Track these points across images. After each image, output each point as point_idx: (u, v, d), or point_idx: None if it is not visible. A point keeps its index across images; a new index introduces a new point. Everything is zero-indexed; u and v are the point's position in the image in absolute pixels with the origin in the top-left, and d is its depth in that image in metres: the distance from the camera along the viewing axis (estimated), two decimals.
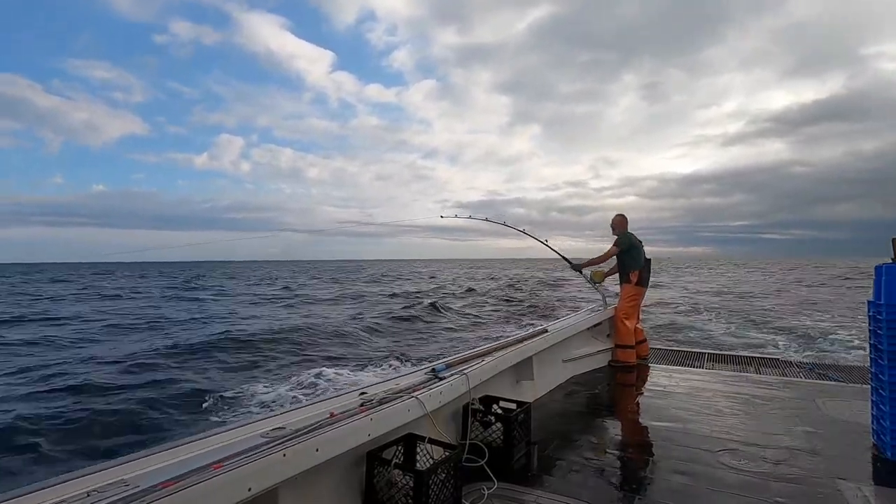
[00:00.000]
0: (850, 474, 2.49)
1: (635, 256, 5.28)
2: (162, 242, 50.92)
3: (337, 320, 16.09)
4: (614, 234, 5.41)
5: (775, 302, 21.19)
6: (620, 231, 5.37)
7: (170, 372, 9.27)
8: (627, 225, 5.42)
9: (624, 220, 5.43)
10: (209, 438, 1.66)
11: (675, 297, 23.88)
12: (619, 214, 5.47)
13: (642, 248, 5.36)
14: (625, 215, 5.46)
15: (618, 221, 5.44)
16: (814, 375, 4.63)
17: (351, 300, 24.81)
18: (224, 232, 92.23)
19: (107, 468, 1.40)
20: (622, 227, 5.40)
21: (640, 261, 5.28)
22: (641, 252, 5.33)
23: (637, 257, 5.28)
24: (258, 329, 13.88)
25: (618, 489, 2.39)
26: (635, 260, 5.27)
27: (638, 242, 5.34)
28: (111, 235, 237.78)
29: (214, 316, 18.29)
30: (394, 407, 2.08)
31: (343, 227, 51.85)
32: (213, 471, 1.35)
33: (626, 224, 5.42)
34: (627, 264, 5.29)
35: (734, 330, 13.68)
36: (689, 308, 19.02)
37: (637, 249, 5.30)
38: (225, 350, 11.21)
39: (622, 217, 5.46)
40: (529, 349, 3.65)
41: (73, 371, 9.30)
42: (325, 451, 1.68)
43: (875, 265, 2.77)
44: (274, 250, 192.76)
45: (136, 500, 1.18)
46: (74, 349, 11.96)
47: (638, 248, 5.31)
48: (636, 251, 5.29)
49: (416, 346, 12.48)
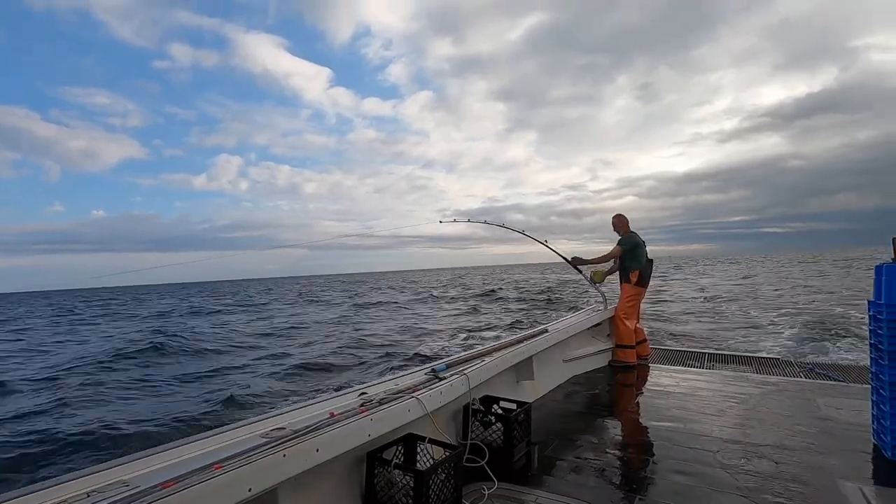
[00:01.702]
0: (851, 474, 2.48)
1: (637, 256, 5.25)
2: (160, 264, 49.69)
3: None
4: (617, 233, 5.39)
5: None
6: (623, 231, 5.35)
7: None
8: (629, 224, 5.39)
9: (624, 220, 5.40)
10: (209, 438, 1.66)
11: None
12: (618, 215, 5.44)
13: (645, 248, 5.34)
14: (624, 215, 5.43)
15: (617, 222, 5.41)
16: (814, 375, 4.63)
17: (462, 301, 28.36)
18: (211, 251, 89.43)
19: (107, 468, 1.40)
20: (624, 227, 5.37)
21: (641, 260, 5.25)
22: (644, 252, 5.30)
23: (639, 257, 5.25)
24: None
25: (618, 489, 2.39)
26: (637, 259, 5.24)
27: (641, 242, 5.31)
28: (110, 260, 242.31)
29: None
30: (394, 407, 2.08)
31: (337, 239, 52.30)
32: (213, 471, 1.36)
33: (627, 223, 5.39)
34: (628, 264, 5.27)
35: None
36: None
37: (640, 249, 5.27)
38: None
39: (621, 217, 5.42)
40: (529, 349, 3.66)
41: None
42: (325, 452, 1.68)
43: (875, 265, 2.77)
44: (273, 266, 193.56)
45: (136, 500, 1.18)
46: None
47: (641, 247, 5.28)
48: (639, 251, 5.26)
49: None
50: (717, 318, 15.20)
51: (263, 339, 16.26)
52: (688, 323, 14.48)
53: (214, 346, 14.71)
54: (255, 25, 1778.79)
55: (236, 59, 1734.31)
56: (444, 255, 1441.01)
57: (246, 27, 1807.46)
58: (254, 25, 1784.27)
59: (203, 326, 21.14)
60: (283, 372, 10.48)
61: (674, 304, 20.08)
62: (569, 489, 2.38)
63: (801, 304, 17.66)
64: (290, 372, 10.48)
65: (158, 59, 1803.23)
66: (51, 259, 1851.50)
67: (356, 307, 28.13)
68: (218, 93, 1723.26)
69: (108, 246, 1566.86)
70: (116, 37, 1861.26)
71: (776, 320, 13.90)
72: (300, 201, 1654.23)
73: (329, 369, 10.79)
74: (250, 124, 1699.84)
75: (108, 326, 23.94)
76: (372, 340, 14.34)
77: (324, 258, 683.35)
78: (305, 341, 15.26)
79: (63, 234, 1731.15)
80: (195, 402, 8.26)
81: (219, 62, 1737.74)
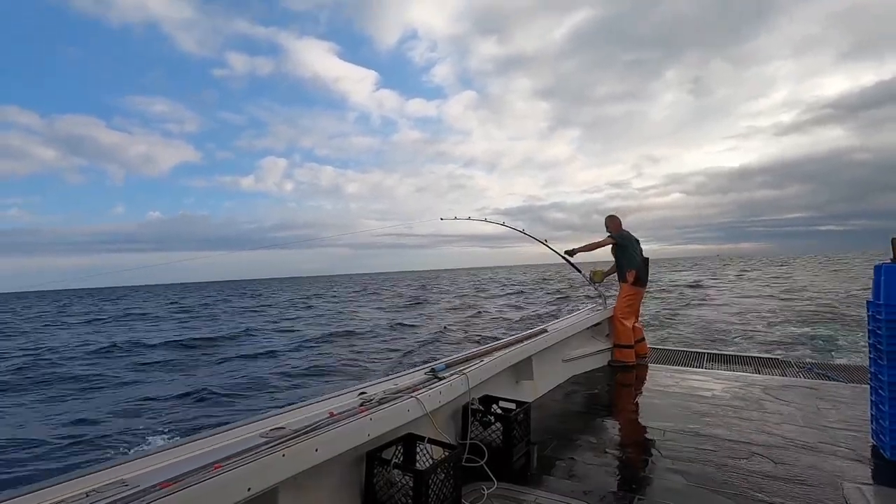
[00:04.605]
0: (850, 474, 2.49)
1: (631, 256, 5.28)
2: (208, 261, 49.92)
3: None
4: (608, 232, 5.43)
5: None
6: (615, 231, 5.39)
7: None
8: (621, 224, 5.46)
9: (616, 220, 5.48)
10: (209, 438, 1.66)
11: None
12: (611, 215, 5.51)
13: (639, 248, 5.36)
14: (616, 216, 5.50)
15: (609, 222, 5.48)
16: (813, 375, 4.64)
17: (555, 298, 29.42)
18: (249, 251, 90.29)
19: (106, 468, 1.40)
20: (616, 227, 5.43)
21: (635, 260, 5.28)
22: (638, 251, 5.33)
23: (633, 257, 5.28)
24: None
25: (617, 489, 2.39)
26: (631, 259, 5.28)
27: (634, 240, 5.35)
28: (166, 258, 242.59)
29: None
30: (393, 407, 2.08)
31: (336, 237, 53.34)
32: (212, 471, 1.35)
33: (620, 223, 5.46)
34: (624, 264, 5.31)
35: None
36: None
37: (632, 246, 5.31)
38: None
39: (614, 217, 5.50)
40: (529, 349, 3.66)
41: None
42: (325, 451, 1.68)
43: (875, 265, 2.77)
44: (312, 265, 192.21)
45: (136, 500, 1.18)
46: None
47: (633, 245, 5.32)
48: (631, 248, 5.30)
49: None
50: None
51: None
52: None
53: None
54: (307, 32, 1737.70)
55: (288, 65, 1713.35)
56: (482, 254, 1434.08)
57: (299, 34, 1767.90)
58: (307, 32, 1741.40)
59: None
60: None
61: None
62: (568, 489, 2.38)
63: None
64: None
65: (218, 68, 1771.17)
66: (119, 258, 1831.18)
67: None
68: (269, 98, 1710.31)
69: (163, 245, 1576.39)
70: (180, 48, 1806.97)
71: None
72: (342, 201, 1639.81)
73: None
74: (298, 128, 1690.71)
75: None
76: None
77: (364, 257, 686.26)
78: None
79: (126, 235, 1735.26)
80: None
81: (273, 69, 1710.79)
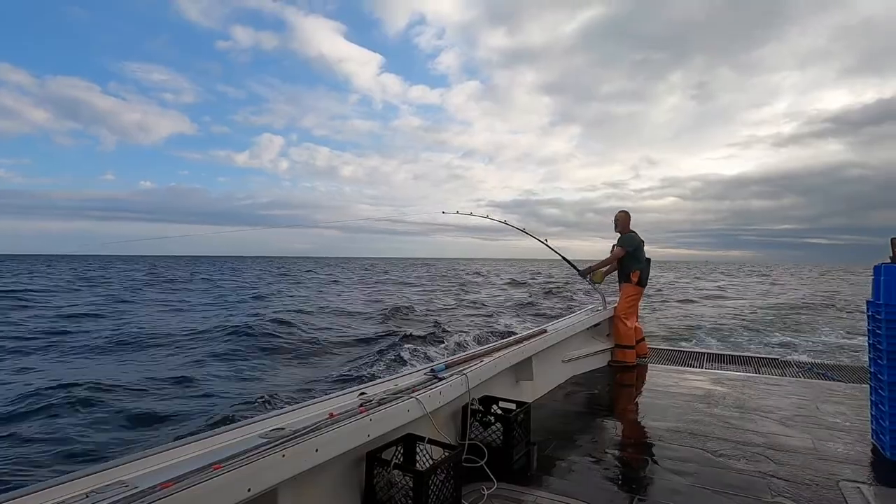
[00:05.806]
0: (850, 474, 2.49)
1: (638, 256, 5.23)
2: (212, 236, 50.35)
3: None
4: (617, 231, 5.35)
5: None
6: (623, 229, 5.31)
7: None
8: (630, 222, 5.36)
9: (627, 217, 5.35)
10: (209, 439, 1.66)
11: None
12: (623, 211, 5.38)
13: (643, 247, 5.33)
14: (628, 212, 5.37)
15: (621, 218, 5.35)
16: (813, 375, 4.64)
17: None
18: (253, 228, 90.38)
19: (106, 469, 1.40)
20: (625, 225, 5.33)
21: (641, 260, 5.24)
22: (643, 251, 5.30)
23: (639, 257, 5.24)
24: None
25: (618, 489, 2.39)
26: (637, 259, 5.23)
27: (641, 241, 5.29)
28: (164, 230, 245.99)
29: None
30: (393, 407, 2.08)
31: (327, 224, 53.73)
32: (212, 471, 1.35)
33: (629, 221, 5.35)
34: (628, 264, 5.24)
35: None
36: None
37: (641, 249, 5.25)
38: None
39: (626, 214, 5.37)
40: (529, 349, 3.65)
41: None
42: (325, 452, 1.68)
43: (874, 265, 2.77)
44: (305, 246, 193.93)
45: (136, 500, 1.18)
46: None
47: (641, 247, 5.26)
48: (640, 251, 5.24)
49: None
50: None
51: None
52: None
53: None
54: (315, 10, 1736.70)
55: (294, 42, 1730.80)
56: (474, 244, 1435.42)
57: (307, 11, 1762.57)
58: (315, 10, 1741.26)
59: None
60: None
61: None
62: (568, 489, 2.38)
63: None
64: None
65: (222, 40, 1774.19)
66: (106, 226, 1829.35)
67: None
68: (272, 74, 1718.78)
69: (159, 216, 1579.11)
70: (185, 17, 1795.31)
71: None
72: (336, 183, 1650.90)
73: None
74: (299, 106, 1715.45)
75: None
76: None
77: (360, 241, 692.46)
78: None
79: (116, 203, 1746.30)
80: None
81: (278, 45, 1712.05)
